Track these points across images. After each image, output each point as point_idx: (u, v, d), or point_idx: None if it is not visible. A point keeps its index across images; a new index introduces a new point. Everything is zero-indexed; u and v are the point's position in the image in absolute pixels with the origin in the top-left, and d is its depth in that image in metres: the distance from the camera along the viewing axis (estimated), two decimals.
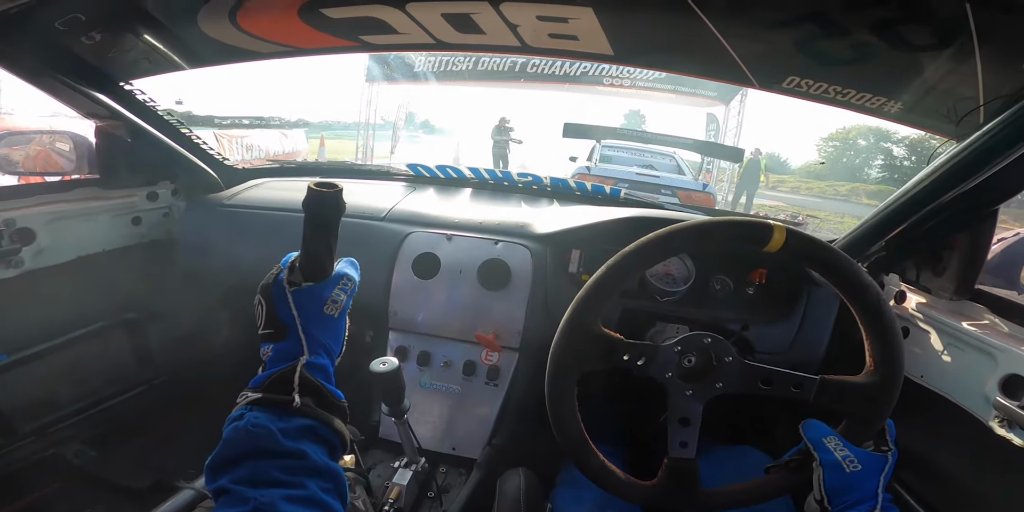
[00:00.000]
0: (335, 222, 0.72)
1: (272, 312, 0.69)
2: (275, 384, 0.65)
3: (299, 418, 0.63)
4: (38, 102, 7.54)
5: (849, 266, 0.90)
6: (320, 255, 0.72)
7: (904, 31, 0.93)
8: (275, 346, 0.68)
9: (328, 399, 0.67)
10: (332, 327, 0.71)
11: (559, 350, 0.90)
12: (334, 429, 0.66)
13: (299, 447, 0.61)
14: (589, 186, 1.96)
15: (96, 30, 1.23)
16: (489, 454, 1.42)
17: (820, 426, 0.88)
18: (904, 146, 26.64)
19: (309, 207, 0.70)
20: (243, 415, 0.62)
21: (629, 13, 1.12)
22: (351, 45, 1.38)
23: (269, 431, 0.60)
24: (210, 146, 1.86)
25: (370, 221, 1.61)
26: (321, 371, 0.68)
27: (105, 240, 1.60)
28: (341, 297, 0.72)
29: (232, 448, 0.60)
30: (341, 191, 0.70)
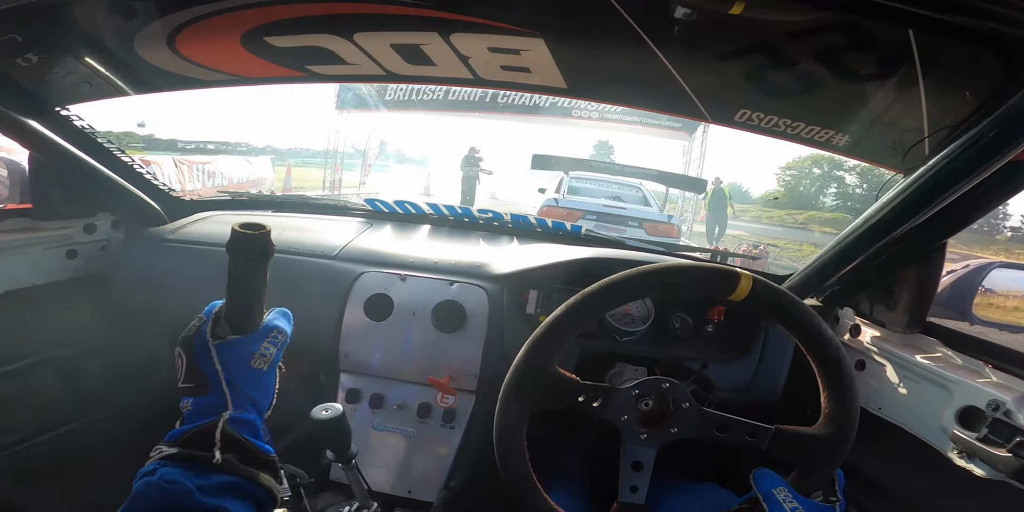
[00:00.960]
0: (263, 266, 0.69)
1: (193, 365, 0.66)
2: (194, 439, 0.61)
3: (219, 475, 0.60)
4: None
5: (812, 321, 0.90)
6: (246, 304, 0.69)
7: (849, 59, 0.95)
8: (195, 400, 0.65)
9: (254, 455, 0.64)
10: (260, 381, 0.68)
11: (510, 389, 0.88)
12: (260, 484, 0.62)
13: (219, 503, 0.57)
14: (550, 223, 1.95)
15: (32, 52, 1.17)
16: (446, 498, 1.37)
17: (771, 476, 0.87)
18: (856, 174, 27.92)
19: (233, 251, 0.67)
20: (155, 470, 0.59)
21: (580, 45, 1.11)
22: (298, 75, 1.34)
23: (184, 488, 0.57)
24: (155, 176, 1.78)
25: (321, 259, 1.55)
26: (247, 426, 0.64)
27: (37, 274, 1.50)
28: (270, 351, 0.69)
29: (143, 503, 0.56)
30: (268, 233, 0.67)
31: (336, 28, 1.13)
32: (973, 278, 1.34)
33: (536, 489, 0.87)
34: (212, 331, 0.67)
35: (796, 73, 1.02)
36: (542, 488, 0.88)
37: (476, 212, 1.99)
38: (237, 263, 0.68)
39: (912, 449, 1.12)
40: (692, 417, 0.90)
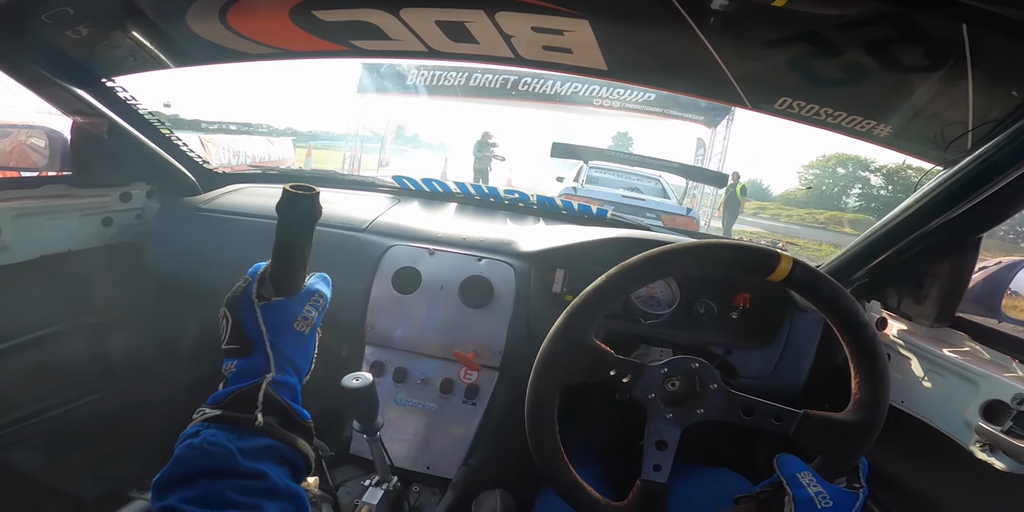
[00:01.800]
0: (310, 228, 0.70)
1: (239, 326, 0.66)
2: (236, 401, 0.62)
3: (261, 437, 0.60)
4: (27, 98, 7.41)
5: (851, 305, 0.90)
6: (292, 266, 0.69)
7: (898, 52, 0.94)
8: (239, 362, 0.65)
9: (293, 419, 0.64)
10: (302, 344, 0.69)
11: (547, 356, 0.88)
12: (298, 450, 0.63)
13: (259, 468, 0.58)
14: (576, 205, 1.95)
15: (83, 24, 1.21)
16: (465, 474, 1.38)
17: (795, 461, 0.87)
18: (882, 175, 27.41)
19: (283, 210, 0.67)
20: (199, 432, 0.59)
21: (625, 27, 1.11)
22: (342, 50, 1.36)
23: (227, 450, 0.57)
24: (191, 149, 1.81)
25: (351, 232, 1.58)
26: (288, 390, 0.65)
27: (72, 239, 1.54)
28: (312, 314, 0.70)
29: (185, 466, 0.57)
30: (318, 194, 0.68)
31: (383, 3, 1.14)
32: (1005, 275, 1.32)
33: (564, 463, 0.88)
34: (258, 292, 0.68)
35: (842, 63, 1.01)
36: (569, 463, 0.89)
37: (503, 192, 2.00)
38: (286, 222, 0.68)
39: (932, 443, 1.12)
40: (719, 399, 0.90)
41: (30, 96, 1.35)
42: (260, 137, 15.49)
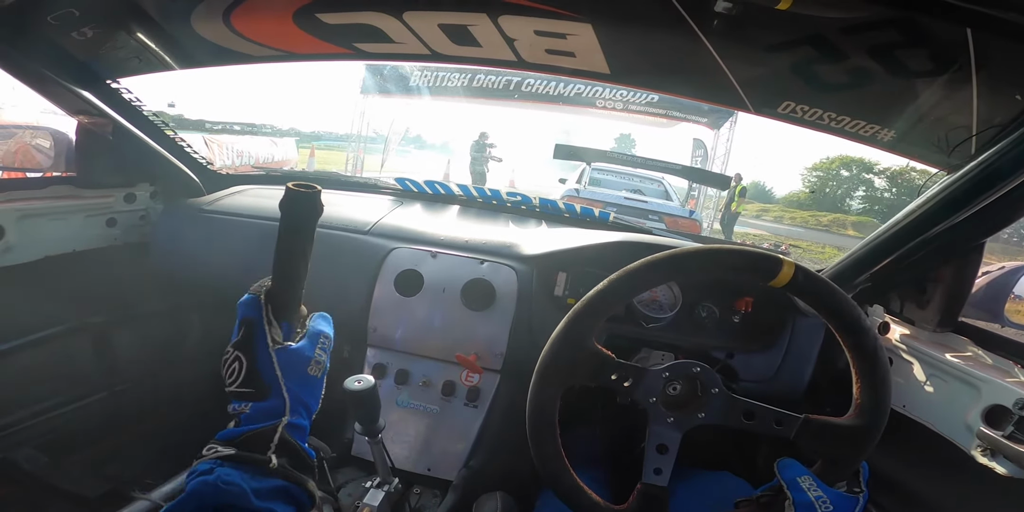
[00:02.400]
0: (311, 225, 0.71)
1: (253, 371, 0.66)
2: (249, 441, 0.63)
3: (274, 479, 0.62)
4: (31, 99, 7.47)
5: (852, 310, 0.90)
6: (291, 276, 0.71)
7: (902, 56, 0.94)
8: (255, 405, 0.66)
9: (303, 460, 0.66)
10: (314, 387, 0.70)
11: (548, 360, 0.89)
12: (307, 490, 0.65)
13: (270, 507, 0.60)
14: (578, 208, 1.95)
15: (88, 26, 1.21)
16: (466, 476, 1.38)
17: (795, 465, 0.87)
18: (885, 178, 27.34)
19: (286, 207, 0.69)
20: (212, 469, 0.60)
21: (628, 31, 1.11)
22: (345, 52, 1.36)
23: (241, 490, 0.58)
24: (195, 150, 1.82)
25: (354, 234, 1.58)
26: (300, 431, 0.67)
27: (77, 240, 1.55)
28: (323, 357, 0.72)
29: (196, 502, 0.58)
30: (319, 192, 0.69)
31: (387, 6, 1.15)
32: (1008, 280, 1.32)
33: (565, 466, 0.88)
34: (272, 337, 0.68)
35: (845, 67, 1.01)
36: (570, 466, 0.89)
37: (505, 195, 2.00)
38: (288, 219, 0.70)
39: (933, 447, 1.12)
40: (720, 403, 0.90)
41: (34, 96, 1.36)
42: (263, 137, 15.54)
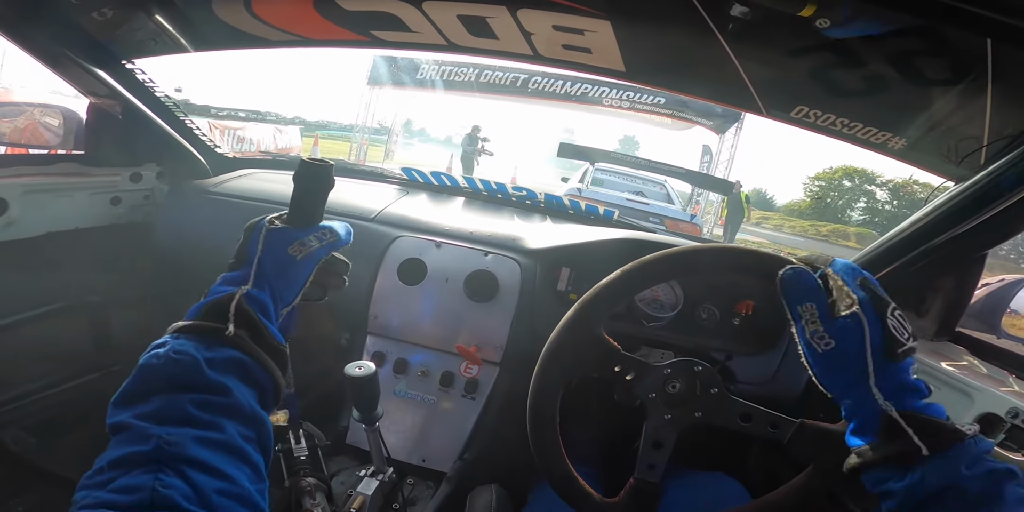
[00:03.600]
0: (323, 196, 0.74)
1: (243, 245, 0.69)
2: (210, 313, 0.61)
3: (229, 349, 0.58)
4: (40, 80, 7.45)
5: None
6: (308, 211, 0.74)
7: (921, 64, 0.94)
8: (224, 275, 0.66)
9: (265, 338, 0.62)
10: (289, 267, 0.69)
11: (556, 344, 0.89)
12: (267, 369, 0.61)
13: (223, 381, 0.55)
14: (583, 205, 1.96)
15: (108, 6, 1.22)
16: (460, 468, 1.39)
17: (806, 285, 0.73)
18: (888, 190, 27.35)
19: (299, 179, 0.72)
20: (166, 342, 0.57)
21: (646, 29, 1.12)
22: (361, 39, 1.36)
23: (193, 359, 0.55)
24: (203, 132, 1.82)
25: (358, 221, 1.58)
26: (258, 304, 0.64)
27: (80, 218, 1.55)
28: (312, 243, 0.71)
29: (145, 378, 0.54)
30: (332, 166, 0.73)
31: None
32: (1006, 293, 1.33)
33: (560, 454, 0.88)
34: (271, 220, 0.71)
35: (863, 74, 1.01)
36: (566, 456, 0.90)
37: (511, 188, 2.00)
38: (301, 190, 0.73)
39: None
40: (718, 403, 0.90)
41: (43, 77, 1.36)
42: (268, 124, 15.51)
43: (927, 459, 0.60)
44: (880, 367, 0.65)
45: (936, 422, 0.62)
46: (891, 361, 0.64)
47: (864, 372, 0.65)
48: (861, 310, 0.66)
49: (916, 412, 0.63)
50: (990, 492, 0.56)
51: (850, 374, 0.66)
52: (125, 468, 0.46)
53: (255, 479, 0.53)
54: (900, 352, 0.64)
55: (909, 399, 0.64)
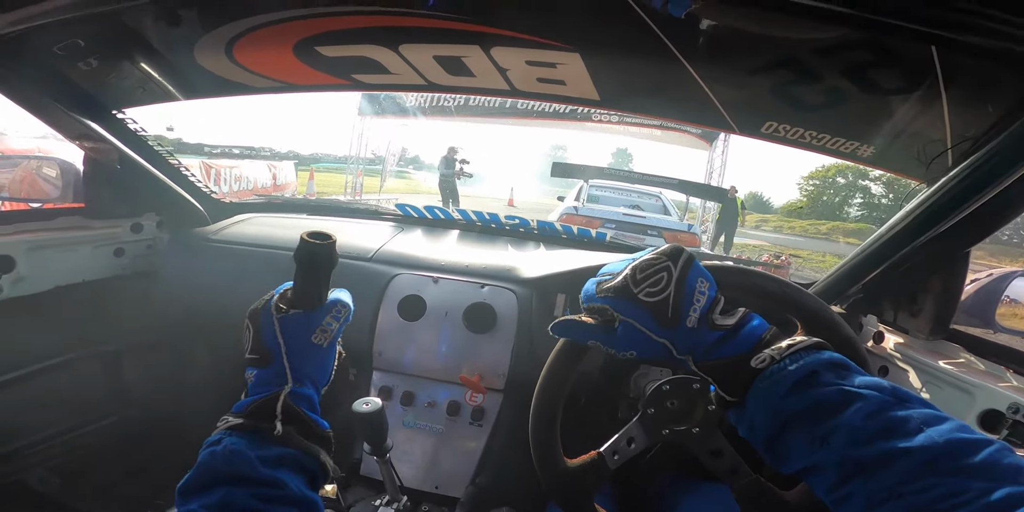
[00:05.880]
0: (327, 274, 0.72)
1: (259, 337, 0.68)
2: (257, 410, 0.64)
3: (279, 447, 0.62)
4: (29, 125, 7.57)
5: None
6: (313, 290, 0.72)
7: (874, 75, 0.97)
8: (258, 372, 0.68)
9: (312, 429, 0.66)
10: (319, 356, 0.70)
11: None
12: (316, 459, 0.65)
13: (277, 476, 0.59)
14: (575, 230, 1.99)
15: (94, 57, 1.25)
16: (472, 493, 1.40)
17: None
18: (882, 184, 27.45)
19: (301, 260, 0.70)
20: (221, 440, 0.61)
21: (615, 59, 1.16)
22: (343, 83, 1.41)
23: (247, 458, 0.59)
24: (198, 178, 1.86)
25: (357, 261, 1.62)
26: (306, 401, 0.67)
27: (86, 271, 1.58)
28: (332, 326, 0.71)
29: (206, 472, 0.59)
30: (334, 243, 0.70)
31: (383, 40, 1.19)
32: (996, 286, 1.34)
33: (554, 435, 0.88)
34: (277, 304, 0.70)
35: (822, 87, 1.05)
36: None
37: (503, 218, 2.04)
38: (304, 270, 0.71)
39: None
40: (707, 428, 0.90)
41: (31, 124, 1.40)
42: (262, 161, 15.66)
43: (741, 402, 0.62)
44: (668, 337, 0.66)
45: (728, 365, 0.64)
46: (669, 327, 0.66)
47: (666, 349, 0.67)
48: (615, 311, 0.68)
49: (714, 361, 0.65)
50: (812, 402, 0.56)
51: (663, 353, 0.67)
52: None
53: None
54: (671, 318, 0.65)
55: (710, 353, 0.65)
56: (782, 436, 0.57)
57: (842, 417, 0.53)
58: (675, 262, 0.68)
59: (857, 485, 0.50)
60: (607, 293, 0.69)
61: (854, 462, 0.51)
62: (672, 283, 0.66)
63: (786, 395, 0.57)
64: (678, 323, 0.65)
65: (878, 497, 0.48)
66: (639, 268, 0.68)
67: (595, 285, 0.72)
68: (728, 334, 0.65)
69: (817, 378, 0.57)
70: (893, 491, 0.47)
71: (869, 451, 0.50)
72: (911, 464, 0.47)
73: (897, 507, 0.47)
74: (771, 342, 0.63)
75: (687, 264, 0.68)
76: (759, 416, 0.60)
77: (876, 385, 0.55)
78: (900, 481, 0.47)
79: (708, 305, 0.67)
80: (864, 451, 0.50)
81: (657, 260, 0.68)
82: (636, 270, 0.68)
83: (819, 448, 0.54)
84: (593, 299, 0.71)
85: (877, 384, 0.55)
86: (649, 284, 0.67)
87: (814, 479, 0.55)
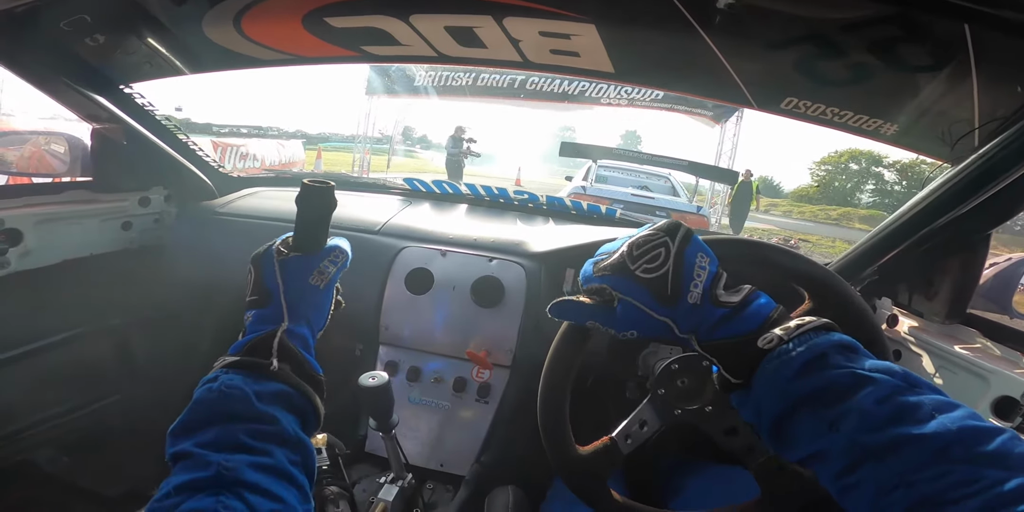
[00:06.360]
0: (326, 218, 0.75)
1: (259, 279, 0.70)
2: (254, 349, 0.65)
3: (274, 382, 0.62)
4: (38, 104, 7.59)
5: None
6: (313, 234, 0.74)
7: (902, 51, 0.94)
8: (256, 312, 0.69)
9: (305, 369, 0.66)
10: (315, 297, 0.72)
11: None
12: (309, 399, 0.65)
13: (271, 412, 0.60)
14: (585, 205, 1.97)
15: (100, 32, 1.24)
16: (478, 471, 1.40)
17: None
18: (895, 171, 27.10)
19: (302, 202, 0.72)
20: (217, 377, 0.62)
21: (631, 31, 1.13)
22: (352, 55, 1.38)
23: (243, 393, 0.59)
24: (206, 153, 1.85)
25: (364, 234, 1.60)
26: (300, 340, 0.68)
27: (94, 244, 1.58)
28: (329, 269, 0.73)
29: (201, 410, 0.59)
30: (333, 187, 0.73)
31: (394, 10, 1.17)
32: (1015, 271, 1.32)
33: (564, 413, 0.87)
34: (278, 247, 0.72)
35: (847, 63, 1.01)
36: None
37: (512, 193, 2.02)
38: (304, 213, 0.73)
39: None
40: (721, 406, 0.88)
41: (33, 104, 1.38)
42: (270, 140, 15.64)
43: (746, 384, 0.60)
44: (668, 315, 0.65)
45: (733, 345, 0.62)
46: (669, 305, 0.64)
47: (667, 327, 0.65)
48: (613, 290, 0.67)
49: (719, 340, 0.63)
50: (822, 385, 0.54)
51: (665, 332, 0.66)
52: (189, 492, 0.51)
53: (302, 500, 0.57)
54: (671, 295, 0.64)
55: (714, 332, 0.63)
56: (789, 420, 0.56)
57: (853, 401, 0.52)
58: (672, 237, 0.66)
59: (867, 472, 0.49)
60: (604, 271, 0.68)
61: (864, 448, 0.49)
62: (671, 258, 0.65)
63: (794, 377, 0.55)
64: (678, 300, 0.64)
65: (889, 484, 0.47)
66: (635, 244, 0.67)
67: (592, 265, 0.71)
68: (733, 311, 0.63)
69: (826, 360, 0.55)
70: (904, 478, 0.46)
71: (880, 437, 0.49)
72: (923, 451, 0.46)
73: (908, 495, 0.46)
74: (778, 322, 0.61)
75: (685, 239, 0.66)
76: (766, 399, 0.58)
77: (887, 369, 0.54)
78: (911, 468, 0.46)
79: (710, 280, 0.65)
80: (875, 437, 0.49)
81: (654, 236, 0.67)
82: (633, 247, 0.67)
83: (828, 433, 0.52)
84: (591, 279, 0.70)
85: (888, 368, 0.54)
86: (646, 260, 0.65)
87: (820, 466, 0.54)
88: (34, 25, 1.15)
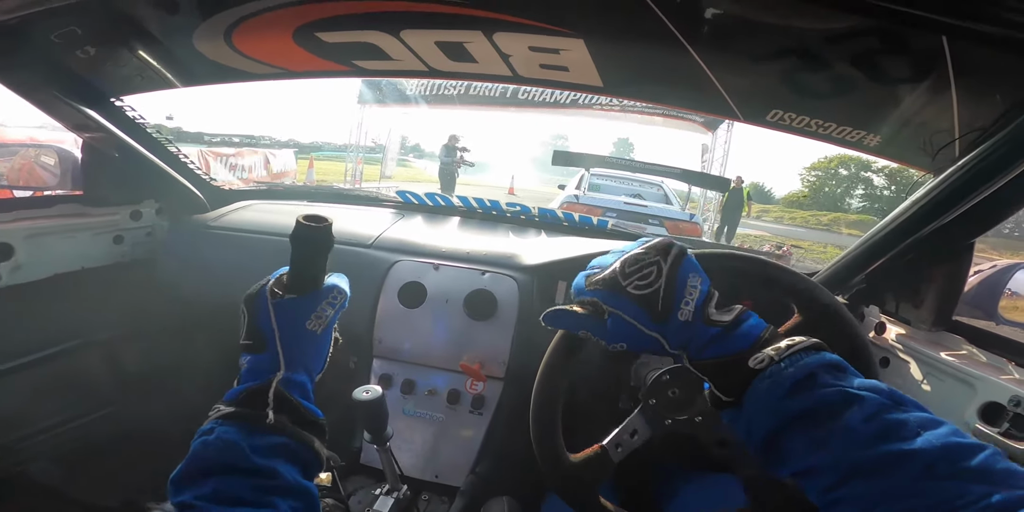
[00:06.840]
0: (323, 257, 0.71)
1: (253, 323, 0.68)
2: (249, 398, 0.63)
3: (272, 435, 0.61)
4: (27, 115, 7.53)
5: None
6: (310, 274, 0.71)
7: (883, 64, 0.96)
8: (252, 358, 0.67)
9: (305, 417, 0.65)
10: (313, 343, 0.69)
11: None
12: (310, 448, 0.64)
13: (270, 465, 0.59)
14: (576, 217, 1.98)
15: (91, 44, 1.23)
16: (472, 482, 1.40)
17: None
18: (884, 176, 27.38)
19: (296, 242, 0.69)
20: (213, 429, 0.61)
21: (619, 45, 1.14)
22: (343, 69, 1.39)
23: (239, 447, 0.59)
24: (197, 166, 1.85)
25: (357, 248, 1.61)
26: (299, 388, 0.66)
27: (85, 258, 1.57)
28: (327, 312, 0.70)
29: (198, 462, 0.58)
30: (330, 226, 0.69)
31: (385, 25, 1.18)
32: (1000, 278, 1.34)
33: (555, 419, 0.88)
34: (272, 289, 0.69)
35: (829, 75, 1.03)
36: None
37: (504, 205, 2.03)
38: (300, 252, 0.70)
39: None
40: (710, 418, 0.90)
41: (27, 115, 1.38)
42: (262, 149, 15.60)
43: (737, 402, 0.61)
44: (659, 330, 0.66)
45: (724, 363, 0.63)
46: (660, 321, 0.65)
47: (657, 342, 0.66)
48: (604, 303, 0.68)
49: (711, 359, 0.64)
50: (812, 404, 0.55)
51: (655, 347, 0.67)
52: None
53: None
54: (661, 311, 0.65)
55: (705, 350, 0.64)
56: (780, 437, 0.57)
57: (841, 419, 0.53)
58: (665, 257, 0.67)
59: (854, 487, 0.50)
60: (596, 285, 0.69)
61: (852, 464, 0.51)
62: (663, 276, 0.66)
63: (785, 396, 0.56)
64: (669, 316, 0.65)
65: (875, 500, 0.48)
66: (628, 262, 0.68)
67: (584, 278, 0.72)
68: (724, 331, 0.64)
69: (816, 379, 0.57)
70: (890, 494, 0.47)
71: (867, 454, 0.50)
72: (910, 467, 0.48)
73: (894, 510, 0.47)
74: (770, 341, 0.62)
75: (678, 259, 0.67)
76: (757, 417, 0.59)
77: (874, 387, 0.55)
78: (898, 484, 0.47)
79: (702, 299, 0.66)
80: (862, 454, 0.50)
81: (646, 255, 0.68)
82: (625, 264, 0.68)
83: (817, 450, 0.53)
84: (583, 292, 0.71)
85: (875, 386, 0.55)
86: (638, 277, 0.67)
87: (809, 481, 0.55)
88: (25, 37, 1.14)
